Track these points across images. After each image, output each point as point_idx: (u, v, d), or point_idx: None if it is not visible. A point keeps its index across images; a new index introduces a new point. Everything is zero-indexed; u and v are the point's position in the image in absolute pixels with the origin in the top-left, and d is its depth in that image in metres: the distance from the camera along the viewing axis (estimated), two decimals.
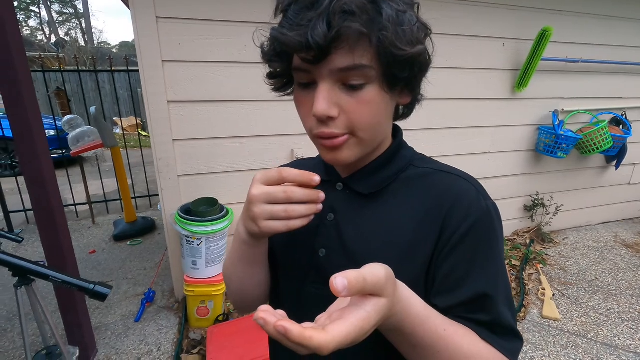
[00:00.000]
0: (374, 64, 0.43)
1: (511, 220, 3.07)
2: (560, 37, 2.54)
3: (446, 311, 0.45)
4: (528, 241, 3.00)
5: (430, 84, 0.52)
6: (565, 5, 2.56)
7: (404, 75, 0.45)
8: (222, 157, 2.07)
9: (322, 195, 0.47)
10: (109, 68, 3.83)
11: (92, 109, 3.09)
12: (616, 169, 3.13)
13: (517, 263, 2.69)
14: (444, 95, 2.44)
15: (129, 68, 3.79)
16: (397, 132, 0.57)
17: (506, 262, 2.70)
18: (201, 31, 1.85)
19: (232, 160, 2.09)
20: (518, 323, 2.09)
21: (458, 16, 2.32)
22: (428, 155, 0.58)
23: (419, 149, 0.57)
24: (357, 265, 0.39)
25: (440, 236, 0.48)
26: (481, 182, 0.52)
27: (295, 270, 0.58)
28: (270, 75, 0.51)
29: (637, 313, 2.20)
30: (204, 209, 1.89)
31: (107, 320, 2.08)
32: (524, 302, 2.25)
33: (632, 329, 2.06)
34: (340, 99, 0.44)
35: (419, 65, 0.45)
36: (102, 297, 1.21)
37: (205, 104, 1.96)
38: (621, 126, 2.95)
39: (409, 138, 0.56)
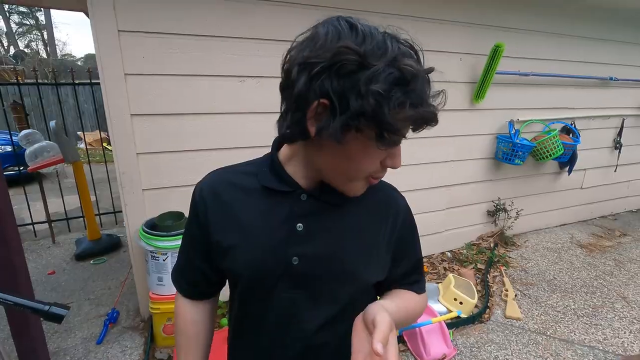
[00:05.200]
0: None
1: (476, 225, 3.20)
2: (513, 52, 2.72)
3: (399, 277, 0.69)
4: (492, 245, 3.13)
5: None
6: (516, 23, 2.76)
7: None
8: (188, 170, 2.05)
9: None
10: (72, 81, 3.71)
11: (52, 124, 2.97)
12: (569, 174, 3.35)
13: (482, 266, 2.79)
14: None
15: (92, 81, 3.69)
16: None
17: (472, 265, 2.81)
18: (165, 44, 1.84)
19: (198, 173, 2.05)
20: (483, 324, 2.17)
21: (421, 32, 2.44)
22: None
23: None
24: (331, 268, 0.57)
25: (391, 233, 0.65)
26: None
27: (266, 280, 0.60)
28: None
29: (590, 309, 2.33)
30: (170, 223, 1.86)
31: (66, 344, 1.97)
32: (488, 304, 2.34)
33: (587, 324, 2.19)
34: None
35: None
36: (58, 319, 1.14)
37: (170, 116, 1.95)
38: (571, 134, 3.17)
39: None
